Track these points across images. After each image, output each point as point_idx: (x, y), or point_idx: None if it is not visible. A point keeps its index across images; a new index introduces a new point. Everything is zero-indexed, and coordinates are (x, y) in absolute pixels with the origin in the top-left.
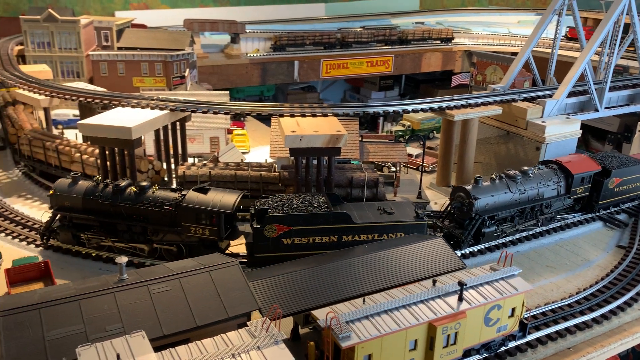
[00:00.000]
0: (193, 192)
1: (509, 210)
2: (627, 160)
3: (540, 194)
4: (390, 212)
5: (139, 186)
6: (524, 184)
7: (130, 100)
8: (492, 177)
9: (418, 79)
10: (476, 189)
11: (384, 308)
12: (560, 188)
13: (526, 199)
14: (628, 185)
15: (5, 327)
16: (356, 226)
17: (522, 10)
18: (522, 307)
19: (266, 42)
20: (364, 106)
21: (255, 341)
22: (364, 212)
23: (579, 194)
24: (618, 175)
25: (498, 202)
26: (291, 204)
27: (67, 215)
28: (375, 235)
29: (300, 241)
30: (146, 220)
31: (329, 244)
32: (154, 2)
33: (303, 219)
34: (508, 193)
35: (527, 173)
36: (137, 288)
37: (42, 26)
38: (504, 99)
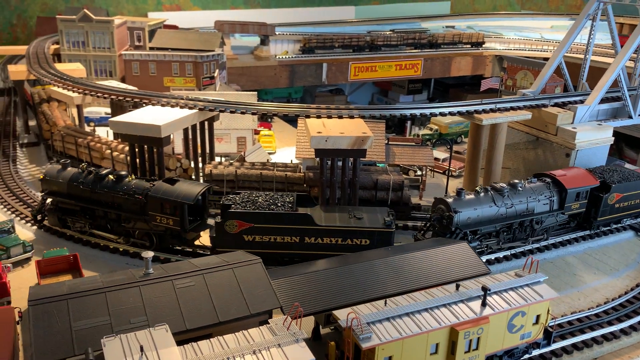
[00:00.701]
0: (162, 182)
1: (493, 225)
2: (629, 174)
3: (530, 209)
4: (359, 217)
5: (116, 174)
6: (511, 198)
7: (160, 99)
8: (476, 189)
9: (447, 83)
10: (457, 201)
11: (405, 310)
12: (552, 203)
13: (514, 214)
14: (630, 201)
15: (34, 316)
16: (318, 228)
17: (556, 15)
18: (547, 314)
19: (295, 44)
20: (391, 108)
21: (277, 339)
22: (331, 216)
23: (573, 210)
24: (619, 191)
25: (481, 216)
26: (256, 202)
27: (54, 199)
28: (339, 239)
29: (262, 239)
30: (120, 208)
31: (290, 244)
32: (186, 3)
33: (264, 217)
34: (493, 207)
35: (516, 186)
36: (162, 282)
37: (77, 26)
38: (534, 104)
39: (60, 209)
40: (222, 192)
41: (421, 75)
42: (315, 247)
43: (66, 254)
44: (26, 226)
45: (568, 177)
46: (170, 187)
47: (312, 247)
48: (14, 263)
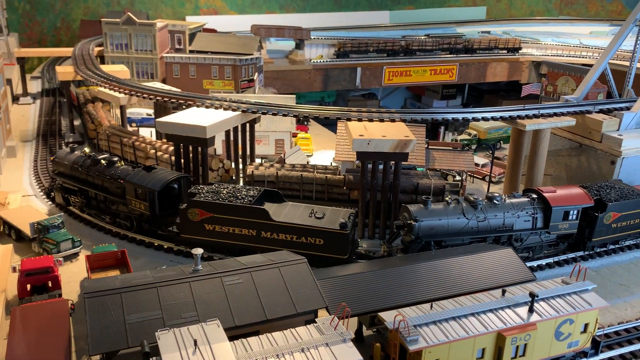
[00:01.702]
0: (141, 169)
1: (461, 237)
2: (629, 192)
3: (508, 224)
4: (320, 217)
5: (108, 160)
6: (485, 211)
7: (204, 101)
8: (446, 199)
9: (482, 88)
10: (421, 210)
11: (452, 314)
12: (535, 221)
13: (487, 228)
14: (629, 221)
15: (90, 308)
16: (273, 224)
17: (595, 20)
18: (595, 323)
19: (330, 48)
20: (433, 112)
21: (324, 338)
22: (291, 213)
23: (561, 230)
24: (616, 210)
25: (447, 228)
26: (220, 193)
27: (60, 179)
28: (294, 237)
29: (221, 229)
30: (106, 191)
31: (248, 237)
32: (222, 8)
33: (222, 207)
34: (462, 219)
35: (493, 199)
36: (212, 279)
37: (121, 28)
38: (578, 110)
39: (64, 188)
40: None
41: (456, 81)
42: (271, 242)
43: (114, 249)
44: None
45: (556, 195)
46: (146, 174)
47: (268, 242)
48: (64, 258)
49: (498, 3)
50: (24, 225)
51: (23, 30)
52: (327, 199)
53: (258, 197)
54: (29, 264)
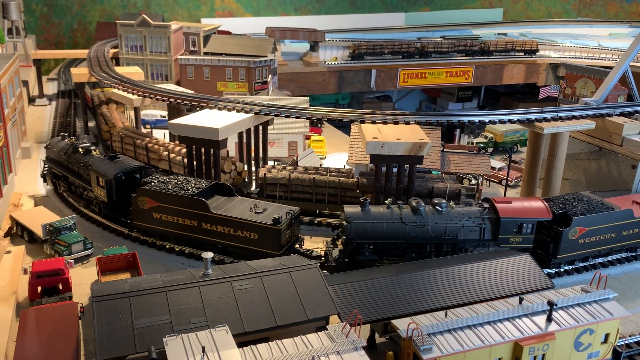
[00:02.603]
0: (105, 158)
1: (398, 243)
2: (597, 205)
3: (451, 232)
4: (259, 212)
5: (85, 148)
6: (427, 218)
7: (217, 103)
8: (386, 202)
9: (498, 91)
10: (357, 211)
11: (467, 323)
12: (483, 232)
13: (427, 235)
14: (598, 236)
15: (98, 312)
16: (212, 215)
17: (615, 22)
18: (616, 333)
19: (345, 50)
20: (448, 115)
21: (335, 345)
22: (234, 206)
23: (513, 243)
24: (582, 224)
25: (382, 231)
26: (169, 183)
27: (50, 165)
28: (231, 229)
29: (167, 218)
30: (80, 177)
31: (189, 227)
32: (237, 10)
33: (166, 197)
34: (398, 224)
35: (435, 206)
36: (221, 284)
37: (136, 30)
38: (597, 112)
39: (52, 173)
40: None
41: (472, 83)
42: (211, 234)
43: (125, 252)
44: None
45: (509, 206)
46: (108, 163)
47: (208, 234)
48: (75, 260)
49: (515, 5)
50: (36, 227)
51: (40, 33)
52: (340, 202)
53: (205, 189)
54: (40, 265)
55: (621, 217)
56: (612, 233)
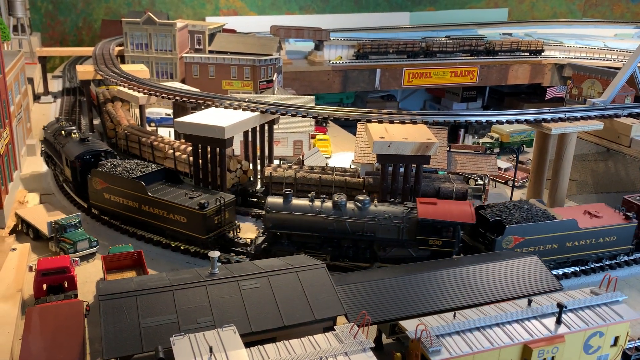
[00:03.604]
0: (77, 140)
1: (316, 235)
2: (539, 214)
3: (369, 230)
4: (192, 197)
5: (67, 131)
6: (346, 213)
7: (223, 101)
8: (309, 195)
9: (503, 91)
10: (278, 202)
11: (476, 325)
12: (401, 232)
13: (343, 230)
14: (537, 246)
15: (104, 311)
16: (148, 198)
17: (620, 23)
18: (626, 336)
19: (349, 49)
20: (455, 115)
21: (343, 347)
22: (171, 191)
23: (432, 246)
24: (517, 234)
25: (300, 223)
26: (119, 166)
27: (44, 146)
28: (165, 212)
29: (115, 199)
30: (60, 159)
31: (132, 208)
32: (242, 8)
33: (112, 178)
34: (316, 217)
35: (358, 202)
36: (228, 283)
37: (141, 28)
38: (605, 113)
39: (46, 153)
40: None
41: (477, 83)
42: (149, 216)
43: (131, 250)
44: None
45: (432, 207)
46: (76, 145)
47: (147, 215)
48: (80, 257)
49: (520, 5)
50: (41, 224)
51: (45, 30)
52: None
53: (148, 174)
54: (46, 263)
55: (563, 227)
56: (554, 244)
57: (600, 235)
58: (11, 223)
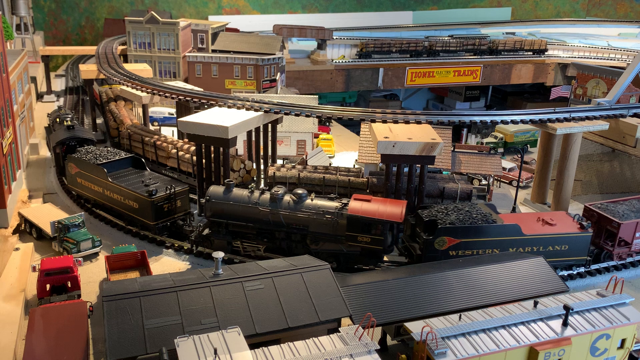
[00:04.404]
0: (65, 127)
1: (251, 225)
2: (479, 217)
3: (303, 223)
4: (146, 185)
5: (61, 117)
6: (280, 206)
7: (226, 101)
8: (250, 187)
9: (506, 90)
10: (219, 191)
11: (482, 326)
12: (333, 227)
13: (278, 222)
14: (475, 250)
15: (108, 312)
16: (107, 183)
17: (624, 22)
18: (632, 339)
19: (352, 48)
20: (460, 114)
21: (348, 348)
22: (132, 178)
23: (362, 242)
24: (452, 235)
25: (237, 213)
26: (90, 152)
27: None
28: (122, 197)
29: (85, 183)
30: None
31: (98, 192)
32: (245, 7)
33: (81, 164)
34: (252, 207)
35: (295, 196)
36: (232, 284)
37: (144, 27)
38: (611, 113)
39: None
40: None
41: (480, 82)
42: (110, 200)
43: (134, 250)
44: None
45: (363, 204)
46: (62, 132)
47: (108, 200)
48: (83, 257)
49: (523, 4)
50: (44, 224)
51: (48, 29)
52: None
53: (114, 161)
54: (49, 263)
55: (504, 232)
56: (495, 249)
57: (548, 243)
58: (14, 222)
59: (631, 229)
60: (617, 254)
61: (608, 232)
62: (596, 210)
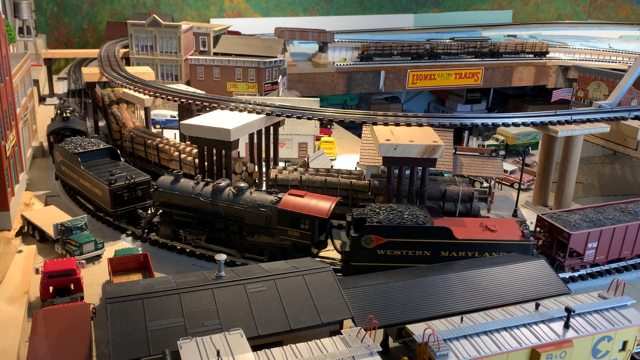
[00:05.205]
0: (62, 118)
1: (192, 215)
2: (411, 219)
3: (240, 215)
4: (113, 174)
5: (62, 109)
6: (221, 197)
7: (228, 104)
8: (196, 178)
9: (507, 93)
10: (167, 180)
11: (483, 329)
12: (268, 220)
13: (217, 213)
14: (404, 251)
15: (111, 314)
16: (80, 171)
17: (625, 24)
18: (634, 341)
19: (353, 51)
20: (461, 117)
21: (350, 350)
22: (104, 167)
23: (291, 236)
24: (380, 234)
25: (180, 202)
26: (73, 142)
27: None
28: (90, 185)
29: (67, 171)
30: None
31: (75, 179)
32: (246, 10)
33: (63, 152)
34: (194, 197)
35: (235, 189)
36: (235, 286)
37: (146, 30)
38: (612, 116)
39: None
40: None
41: (481, 85)
42: (83, 187)
43: (137, 252)
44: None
45: (295, 199)
46: (57, 122)
47: (82, 187)
48: (86, 260)
49: (525, 6)
50: (47, 226)
51: (51, 32)
52: (351, 205)
53: (90, 151)
54: (52, 265)
55: (434, 235)
56: (426, 251)
57: (483, 249)
58: (17, 225)
59: (582, 240)
60: (569, 265)
61: (560, 243)
62: (548, 220)
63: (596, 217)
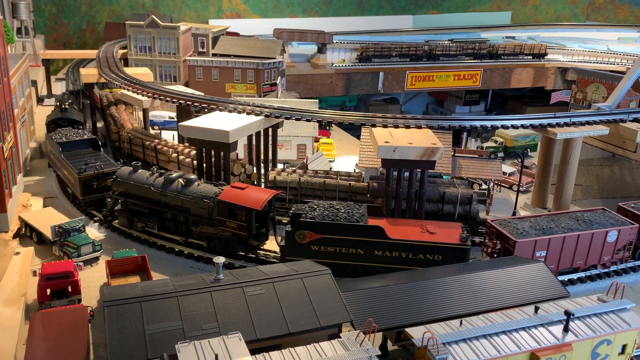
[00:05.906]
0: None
1: (143, 204)
2: (348, 217)
3: (185, 205)
4: (87, 163)
5: (61, 101)
6: (170, 188)
7: (227, 105)
8: (152, 169)
9: (506, 94)
10: (126, 171)
11: (482, 332)
12: (210, 211)
13: (167, 204)
14: (337, 248)
15: (109, 317)
16: (61, 159)
17: (624, 26)
18: (634, 344)
19: (352, 52)
20: (460, 119)
21: (349, 354)
22: (83, 156)
23: (230, 227)
24: (314, 230)
25: (135, 192)
26: (60, 132)
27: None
28: (67, 173)
29: (54, 160)
30: None
31: (58, 167)
32: (245, 11)
33: (50, 142)
34: (147, 187)
35: (185, 179)
36: (233, 289)
37: (145, 31)
38: (611, 118)
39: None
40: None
41: (480, 86)
42: (64, 175)
43: (135, 255)
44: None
45: (233, 190)
46: (55, 112)
47: (63, 175)
48: (84, 262)
49: (523, 8)
50: (45, 228)
51: (49, 33)
52: None
53: (74, 141)
54: (50, 268)
55: (367, 234)
56: (359, 249)
57: (418, 251)
58: (15, 227)
59: (529, 248)
60: None
61: (507, 251)
62: (496, 227)
63: (547, 225)
